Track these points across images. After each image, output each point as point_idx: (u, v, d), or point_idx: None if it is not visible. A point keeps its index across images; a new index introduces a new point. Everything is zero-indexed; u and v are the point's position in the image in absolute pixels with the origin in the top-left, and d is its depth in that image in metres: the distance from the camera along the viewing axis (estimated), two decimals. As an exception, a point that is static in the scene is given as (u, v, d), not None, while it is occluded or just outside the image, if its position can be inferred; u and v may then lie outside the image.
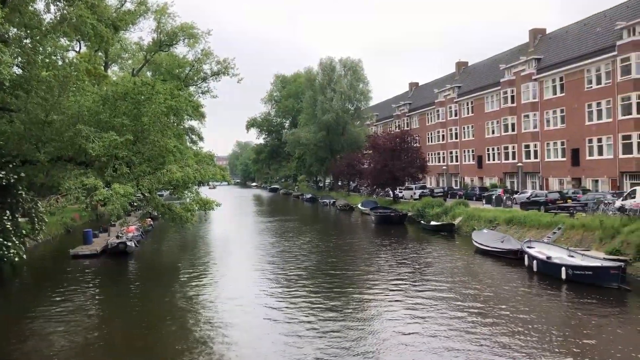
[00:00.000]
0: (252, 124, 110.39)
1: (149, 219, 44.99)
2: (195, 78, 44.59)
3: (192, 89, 45.05)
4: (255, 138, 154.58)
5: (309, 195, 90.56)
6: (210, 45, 43.43)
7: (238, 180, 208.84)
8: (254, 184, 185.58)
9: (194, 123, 51.11)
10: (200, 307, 20.47)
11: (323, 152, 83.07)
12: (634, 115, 40.66)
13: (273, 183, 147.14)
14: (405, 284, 23.26)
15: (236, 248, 36.80)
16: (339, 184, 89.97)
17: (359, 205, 62.13)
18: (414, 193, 60.20)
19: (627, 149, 41.49)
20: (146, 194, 27.07)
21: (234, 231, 47.31)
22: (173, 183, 26.16)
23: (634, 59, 40.67)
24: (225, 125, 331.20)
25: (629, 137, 41.29)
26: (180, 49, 51.85)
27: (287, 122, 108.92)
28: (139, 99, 24.39)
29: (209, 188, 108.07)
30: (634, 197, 29.73)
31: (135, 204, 38.24)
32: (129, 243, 32.54)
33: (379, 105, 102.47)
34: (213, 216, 52.30)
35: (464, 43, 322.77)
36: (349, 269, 27.71)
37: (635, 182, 40.31)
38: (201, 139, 60.76)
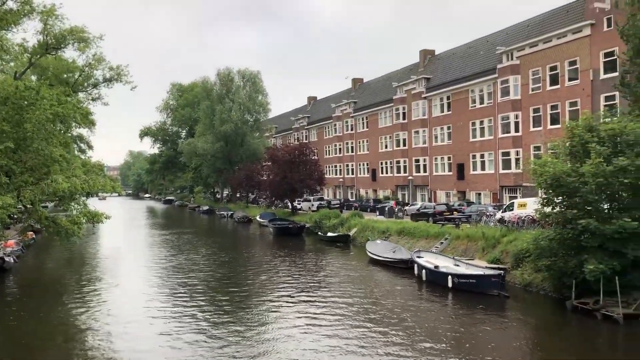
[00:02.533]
0: (146, 132, 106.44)
1: (31, 233, 42.00)
2: (86, 84, 42.26)
3: (81, 95, 42.67)
4: (149, 147, 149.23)
5: (205, 207, 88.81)
6: (102, 51, 41.30)
7: (130, 192, 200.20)
8: (147, 195, 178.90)
9: (83, 131, 48.47)
10: (88, 326, 19.35)
11: (221, 163, 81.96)
12: (512, 133, 44.12)
13: (168, 194, 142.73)
14: (301, 295, 23.47)
15: (127, 263, 35.25)
16: (238, 195, 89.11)
17: (258, 217, 61.90)
18: (312, 205, 61.05)
19: (506, 164, 44.89)
20: (28, 206, 25.31)
21: (125, 245, 45.30)
22: (58, 194, 24.65)
23: (511, 82, 44.23)
24: (118, 134, 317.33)
25: (507, 153, 44.71)
26: (70, 53, 49.05)
27: (184, 131, 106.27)
28: (21, 104, 22.83)
29: (99, 199, 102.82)
30: (512, 210, 32.14)
31: (15, 216, 35.52)
32: (7, 258, 30.11)
33: (279, 117, 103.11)
34: (102, 229, 49.76)
35: (359, 61, 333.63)
36: (246, 281, 27.53)
37: (513, 195, 43.67)
38: (90, 147, 57.75)
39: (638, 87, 21.58)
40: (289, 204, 62.11)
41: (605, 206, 19.95)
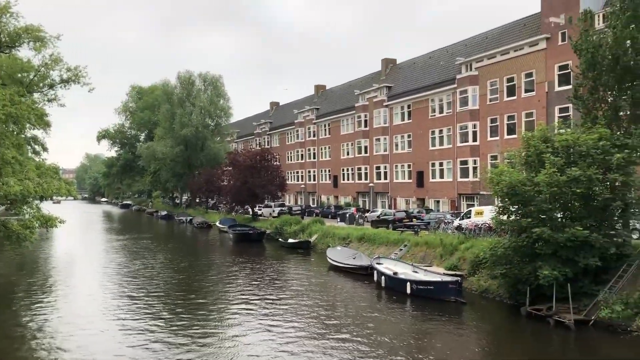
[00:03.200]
0: (104, 135, 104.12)
1: (-21, 237, 40.41)
2: (41, 84, 41.04)
3: (36, 95, 41.43)
4: (107, 150, 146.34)
5: (164, 212, 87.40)
6: (60, 51, 39.74)
7: (86, 195, 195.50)
8: (104, 199, 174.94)
9: (38, 132, 46.95)
10: (40, 333, 18.71)
11: (180, 168, 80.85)
12: (470, 142, 45.04)
13: (125, 199, 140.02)
14: (261, 301, 23.32)
15: (82, 268, 34.31)
16: (197, 201, 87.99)
17: (217, 223, 61.27)
18: (273, 211, 60.82)
19: (464, 173, 45.78)
20: (-23, 209, 24.30)
21: (80, 250, 44.08)
22: (10, 197, 23.78)
23: (470, 92, 45.20)
24: (75, 136, 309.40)
25: (465, 162, 45.60)
26: (26, 52, 47.47)
27: (143, 135, 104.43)
28: (-29, 103, 21.97)
29: (53, 203, 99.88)
30: (470, 217, 32.77)
31: (-38, 220, 34.18)
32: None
33: (240, 122, 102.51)
34: (56, 234, 48.36)
35: (323, 68, 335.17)
36: (205, 288, 27.17)
37: (471, 203, 44.52)
38: (45, 150, 55.90)
39: (590, 100, 22.33)
40: (250, 209, 61.71)
41: (559, 215, 20.56)
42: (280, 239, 45.98)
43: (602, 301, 18.89)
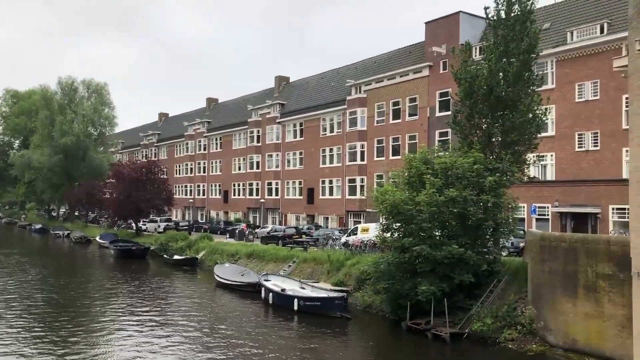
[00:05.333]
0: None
1: None
2: None
3: None
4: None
5: (38, 226, 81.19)
6: None
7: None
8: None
9: None
10: None
11: (59, 178, 75.51)
12: (358, 162, 46.53)
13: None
14: (142, 321, 22.27)
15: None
16: (76, 214, 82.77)
17: (98, 238, 57.90)
18: (159, 226, 58.63)
19: (352, 191, 47.12)
20: None
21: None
22: None
23: (359, 113, 46.81)
24: None
25: (354, 180, 46.98)
26: None
27: (17, 142, 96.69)
28: None
29: None
30: (356, 234, 33.64)
31: None
32: None
33: (127, 132, 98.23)
34: None
35: (214, 81, 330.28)
36: (81, 308, 25.48)
37: (358, 220, 45.82)
38: None
39: (467, 126, 23.97)
40: (133, 224, 59.06)
41: (437, 233, 21.68)
42: (165, 256, 44.38)
43: (474, 315, 20.12)
